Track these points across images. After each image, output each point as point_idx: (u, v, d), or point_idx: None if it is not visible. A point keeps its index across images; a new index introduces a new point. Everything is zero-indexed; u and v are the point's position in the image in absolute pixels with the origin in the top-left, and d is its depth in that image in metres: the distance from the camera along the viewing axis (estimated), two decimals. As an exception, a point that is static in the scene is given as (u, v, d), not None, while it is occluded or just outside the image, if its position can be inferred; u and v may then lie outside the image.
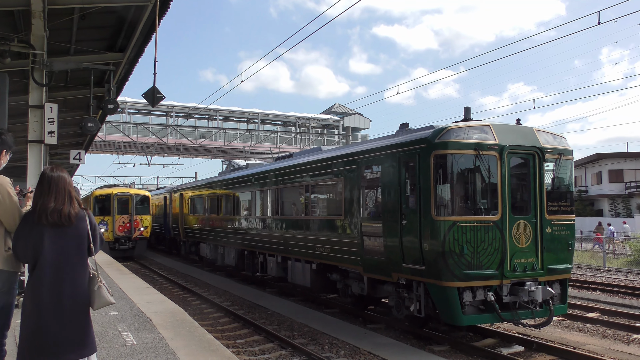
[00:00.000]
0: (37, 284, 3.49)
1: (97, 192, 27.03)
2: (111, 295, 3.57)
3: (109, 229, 25.24)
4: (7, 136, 4.34)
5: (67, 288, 3.44)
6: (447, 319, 9.07)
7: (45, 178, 3.65)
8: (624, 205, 48.51)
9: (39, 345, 3.38)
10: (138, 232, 26.10)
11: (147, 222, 26.73)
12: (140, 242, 26.45)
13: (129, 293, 9.84)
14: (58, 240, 3.51)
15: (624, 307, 13.64)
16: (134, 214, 26.01)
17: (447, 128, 9.09)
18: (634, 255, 24.27)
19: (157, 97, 11.06)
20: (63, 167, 4.08)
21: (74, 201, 3.61)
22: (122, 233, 25.73)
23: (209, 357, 5.66)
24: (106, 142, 36.49)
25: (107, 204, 25.84)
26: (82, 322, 3.47)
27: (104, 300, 3.52)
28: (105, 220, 25.22)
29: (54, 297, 3.42)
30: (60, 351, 3.37)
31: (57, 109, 9.79)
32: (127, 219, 25.82)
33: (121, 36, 11.68)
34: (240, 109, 48.57)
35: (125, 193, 26.48)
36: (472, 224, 8.87)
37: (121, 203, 26.00)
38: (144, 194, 27.98)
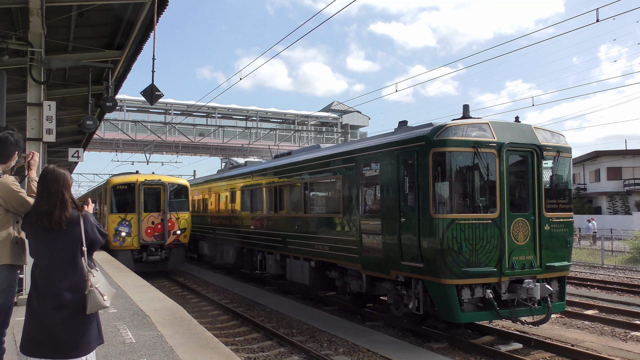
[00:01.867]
0: (32, 285, 3.55)
1: (115, 180, 19.45)
2: (106, 299, 3.51)
3: (133, 233, 18.43)
4: (19, 137, 4.43)
5: (58, 291, 3.43)
6: (446, 316, 9.08)
7: (41, 180, 3.63)
8: (622, 203, 48.59)
9: (35, 345, 3.41)
10: (173, 237, 19.12)
11: (185, 223, 19.56)
12: (176, 251, 19.29)
13: (127, 291, 9.84)
14: (49, 243, 3.50)
15: (622, 305, 13.67)
16: (168, 210, 19.09)
17: (446, 126, 9.10)
18: (632, 252, 24.31)
19: (156, 94, 11.04)
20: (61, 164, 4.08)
21: (67, 204, 3.54)
22: (151, 238, 18.73)
23: (207, 354, 5.67)
24: (104, 139, 36.40)
25: (129, 196, 18.92)
26: (75, 325, 3.42)
27: (96, 304, 3.45)
28: (127, 221, 18.48)
29: (45, 300, 3.44)
30: (53, 352, 3.39)
31: (55, 106, 9.76)
32: (158, 218, 18.94)
33: (119, 34, 11.65)
34: (239, 107, 48.53)
35: (155, 181, 19.26)
36: (470, 222, 8.88)
37: (150, 195, 19.24)
38: (181, 182, 20.36)
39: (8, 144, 4.31)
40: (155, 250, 18.84)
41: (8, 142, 4.31)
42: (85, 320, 3.48)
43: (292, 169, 14.60)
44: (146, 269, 18.37)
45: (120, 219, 18.55)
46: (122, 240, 18.39)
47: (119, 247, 18.40)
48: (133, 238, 18.56)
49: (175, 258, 19.39)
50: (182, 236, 19.51)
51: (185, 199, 19.97)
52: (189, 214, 20.05)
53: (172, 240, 19.16)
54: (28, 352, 3.44)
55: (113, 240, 18.29)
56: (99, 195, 22.03)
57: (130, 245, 18.50)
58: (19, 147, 4.40)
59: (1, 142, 4.30)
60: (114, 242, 18.33)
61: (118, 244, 18.41)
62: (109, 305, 3.55)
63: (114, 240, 18.29)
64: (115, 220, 18.49)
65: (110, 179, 20.01)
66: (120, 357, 5.56)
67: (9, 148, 4.32)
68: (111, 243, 18.36)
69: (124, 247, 18.42)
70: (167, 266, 19.35)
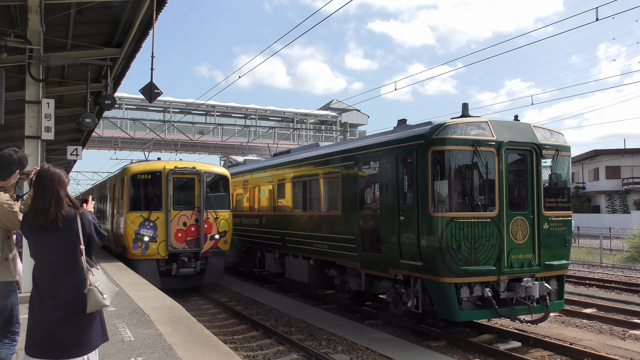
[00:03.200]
0: (33, 286, 3.55)
1: (135, 168, 14.79)
2: (106, 298, 3.49)
3: (159, 237, 14.10)
4: (22, 156, 4.43)
5: (57, 291, 3.43)
6: (445, 314, 9.09)
7: (36, 179, 3.62)
8: (620, 202, 48.64)
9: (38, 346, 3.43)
10: (211, 243, 14.78)
11: (225, 224, 15.06)
12: (214, 261, 14.87)
13: (126, 289, 9.83)
14: (47, 243, 3.49)
15: (621, 303, 13.69)
16: (205, 208, 14.64)
17: (445, 124, 9.09)
18: (630, 251, 24.33)
19: (155, 92, 11.03)
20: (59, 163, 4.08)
21: (62, 202, 3.52)
22: (182, 244, 14.32)
23: (206, 352, 5.67)
24: (103, 138, 36.37)
25: (153, 189, 14.57)
26: (76, 325, 3.43)
27: (96, 303, 3.43)
28: (150, 221, 14.13)
29: (45, 300, 3.44)
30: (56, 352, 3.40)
31: (54, 104, 9.76)
32: (191, 218, 14.54)
33: (118, 31, 11.63)
34: (238, 105, 48.47)
35: (188, 169, 14.68)
36: (469, 220, 8.89)
37: (181, 188, 14.85)
38: (221, 171, 15.75)
39: (10, 162, 4.32)
40: (188, 261, 14.28)
41: (11, 160, 4.32)
42: (86, 320, 3.47)
43: (290, 168, 14.59)
44: (175, 284, 14.18)
45: (143, 219, 13.93)
46: (144, 246, 13.87)
47: (141, 256, 13.91)
48: (159, 244, 13.97)
49: (213, 270, 14.76)
50: (222, 241, 14.90)
51: (225, 192, 15.42)
52: (230, 212, 15.33)
53: (209, 247, 14.57)
54: (32, 353, 3.44)
55: (133, 247, 13.83)
56: (110, 188, 17.40)
57: (156, 253, 13.93)
58: (21, 165, 4.40)
59: (4, 159, 4.31)
60: (133, 249, 13.84)
61: (139, 252, 13.86)
62: (109, 304, 3.54)
63: (134, 246, 13.84)
64: (135, 221, 13.94)
65: (128, 166, 15.12)
66: (119, 356, 5.56)
67: (11, 166, 4.32)
68: (130, 250, 13.95)
69: (147, 256, 13.92)
70: (203, 281, 14.78)
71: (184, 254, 14.28)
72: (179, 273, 14.15)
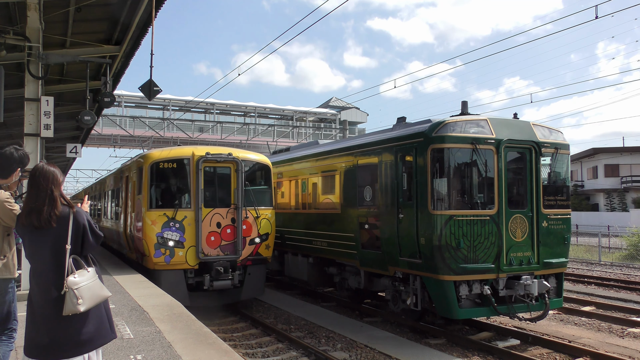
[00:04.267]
0: (30, 286, 3.55)
1: (156, 155, 11.77)
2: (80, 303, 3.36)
3: (187, 242, 11.27)
4: (24, 154, 4.41)
5: (52, 290, 3.39)
6: (444, 312, 9.10)
7: (30, 177, 3.58)
8: (619, 200, 48.69)
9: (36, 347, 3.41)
10: (251, 248, 11.87)
11: (267, 225, 12.17)
12: (254, 271, 11.99)
13: (125, 286, 9.84)
14: (41, 243, 3.46)
15: (619, 301, 13.71)
16: (244, 205, 11.79)
17: (445, 122, 9.09)
18: (629, 249, 24.37)
19: (154, 90, 11.04)
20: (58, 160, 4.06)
21: (56, 201, 3.48)
22: (216, 250, 11.49)
23: (205, 350, 5.67)
24: (103, 135, 36.34)
25: (180, 181, 11.79)
26: (72, 323, 3.38)
27: (70, 307, 3.34)
28: (176, 221, 11.24)
29: (40, 300, 3.42)
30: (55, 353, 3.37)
31: (53, 102, 9.75)
32: (227, 217, 11.65)
33: (117, 29, 11.62)
34: (237, 103, 48.46)
35: (223, 156, 11.82)
36: (468, 218, 8.89)
37: (213, 180, 11.95)
38: (261, 160, 12.68)
39: (12, 161, 4.31)
40: (224, 271, 11.37)
41: (12, 159, 4.31)
42: (83, 318, 3.41)
43: (289, 165, 14.59)
44: (208, 301, 11.52)
45: (167, 219, 11.10)
46: (169, 253, 11.07)
47: (165, 266, 11.07)
48: (187, 250, 11.17)
49: (252, 283, 11.91)
50: (264, 246, 12.02)
51: (267, 186, 12.50)
52: (272, 210, 12.41)
53: (248, 254, 11.76)
54: (32, 354, 3.42)
55: (154, 254, 10.99)
56: (123, 181, 14.25)
57: (183, 262, 11.14)
58: (22, 164, 4.39)
59: (4, 158, 4.29)
60: (155, 256, 11.00)
61: (162, 261, 11.03)
62: (83, 310, 3.38)
63: (156, 253, 11.00)
64: (157, 221, 11.09)
65: (148, 153, 12.22)
66: (119, 353, 5.56)
67: (12, 165, 4.32)
68: (150, 258, 11.08)
69: (173, 266, 11.12)
70: (241, 296, 11.86)
71: (218, 262, 11.33)
72: (212, 287, 11.25)
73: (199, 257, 11.23)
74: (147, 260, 11.41)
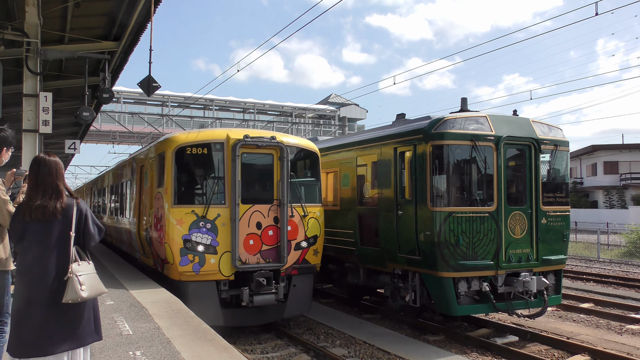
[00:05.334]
0: (22, 279, 3.44)
1: (182, 138, 9.47)
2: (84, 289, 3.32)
3: (221, 247, 9.12)
4: (7, 132, 4.29)
5: (53, 283, 3.33)
6: (442, 309, 9.11)
7: (32, 171, 3.49)
8: (618, 197, 48.76)
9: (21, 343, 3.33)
10: (297, 254, 9.75)
11: (316, 225, 10.04)
12: (300, 282, 9.89)
13: (124, 283, 9.83)
14: (43, 236, 3.40)
15: (618, 298, 13.74)
16: (288, 201, 9.65)
17: (444, 119, 9.08)
18: (628, 246, 24.41)
19: (153, 86, 11.02)
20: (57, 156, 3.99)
21: (62, 195, 3.44)
22: (255, 256, 9.42)
23: (204, 346, 5.67)
24: (101, 132, 36.31)
25: (212, 170, 9.65)
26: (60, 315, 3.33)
27: (72, 294, 3.28)
28: (207, 221, 9.11)
29: (33, 292, 3.34)
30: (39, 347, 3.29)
31: (51, 97, 9.75)
32: (269, 216, 9.59)
33: (116, 25, 11.59)
34: (236, 99, 48.41)
35: (265, 140, 9.65)
36: (467, 215, 8.90)
37: (253, 170, 9.84)
38: (308, 146, 10.49)
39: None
40: (266, 283, 9.20)
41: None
42: (73, 311, 3.36)
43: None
44: (246, 319, 9.45)
45: (196, 218, 8.99)
46: (198, 260, 8.95)
47: (193, 276, 8.97)
48: (221, 257, 9.05)
49: (298, 296, 9.80)
50: (312, 252, 9.90)
51: (315, 178, 10.41)
52: (321, 207, 10.25)
53: (294, 261, 9.64)
54: (16, 353, 3.34)
55: (180, 262, 8.87)
56: (136, 172, 12.10)
57: (215, 271, 9.03)
58: (7, 143, 4.25)
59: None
60: (181, 264, 8.88)
61: (190, 269, 8.92)
62: (86, 296, 3.36)
63: (182, 261, 8.88)
64: (183, 220, 8.99)
65: (172, 136, 9.74)
66: (117, 349, 5.56)
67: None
68: (175, 267, 8.96)
69: (203, 276, 9.00)
70: (284, 313, 9.72)
71: (259, 272, 9.20)
72: (252, 302, 9.05)
73: (235, 266, 9.04)
74: (169, 269, 9.22)
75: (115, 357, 5.29)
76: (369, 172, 10.96)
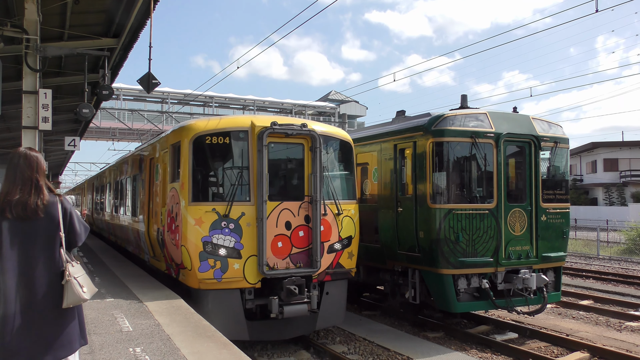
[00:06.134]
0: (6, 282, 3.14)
1: (201, 126, 8.34)
2: (86, 291, 3.17)
3: (246, 250, 8.00)
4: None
5: (34, 286, 3.11)
6: (442, 305, 9.12)
7: (12, 165, 3.28)
8: (618, 194, 48.78)
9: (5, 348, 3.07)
10: (330, 258, 8.60)
11: (351, 224, 8.95)
12: (333, 289, 8.81)
13: (124, 280, 9.84)
14: (23, 235, 3.17)
15: (617, 295, 13.75)
16: (321, 198, 8.50)
17: (444, 116, 9.08)
18: (627, 244, 24.42)
19: (153, 83, 10.99)
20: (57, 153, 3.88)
21: (42, 190, 3.22)
22: (284, 261, 8.27)
23: (204, 343, 5.68)
24: (101, 128, 36.30)
25: (233, 163, 8.55)
26: (50, 323, 3.11)
27: (74, 297, 3.11)
28: (231, 221, 7.97)
29: (17, 296, 3.10)
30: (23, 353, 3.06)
31: (51, 94, 9.73)
32: (299, 214, 8.48)
33: (115, 21, 11.55)
34: (236, 96, 48.33)
35: (296, 128, 8.42)
36: (467, 212, 8.90)
37: (280, 162, 8.89)
38: (341, 135, 9.31)
39: None
40: (299, 291, 8.08)
41: None
42: (62, 318, 3.18)
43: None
44: (274, 333, 8.44)
45: (217, 217, 7.94)
46: (220, 266, 7.90)
47: (214, 284, 7.90)
48: (245, 262, 8.00)
49: (331, 305, 8.77)
50: (346, 255, 8.84)
51: (349, 171, 9.35)
52: (356, 204, 9.21)
53: (327, 266, 8.57)
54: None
55: (199, 268, 7.83)
56: (145, 165, 11.08)
57: (240, 278, 7.97)
58: None
59: None
60: (201, 270, 7.83)
61: (211, 276, 7.87)
62: (89, 298, 3.22)
63: (202, 266, 7.84)
64: (203, 220, 7.95)
65: (189, 124, 8.60)
66: (117, 346, 5.57)
67: None
68: (194, 273, 7.90)
69: (226, 284, 7.94)
70: (316, 324, 8.66)
71: (289, 278, 8.07)
72: (282, 314, 7.90)
73: (262, 272, 7.96)
74: (186, 275, 8.17)
75: (116, 353, 5.30)
76: (369, 169, 10.96)
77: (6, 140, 22.48)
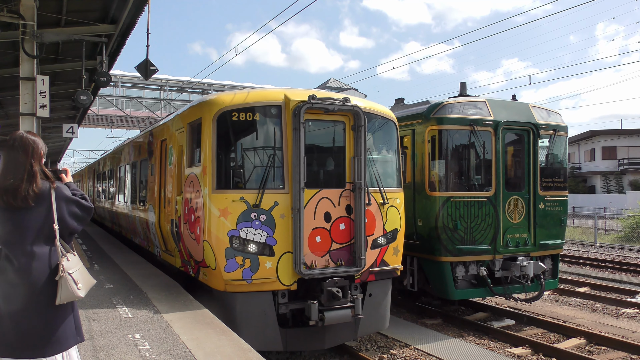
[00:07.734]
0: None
1: (226, 100, 6.94)
2: (80, 288, 3.01)
3: (279, 246, 6.72)
4: None
5: (27, 280, 2.93)
6: (440, 293, 9.18)
7: (7, 148, 3.12)
8: (616, 182, 48.88)
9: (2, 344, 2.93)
10: (374, 254, 7.32)
11: (396, 215, 7.64)
12: (375, 290, 7.46)
13: (123, 267, 9.87)
14: (15, 225, 3.00)
15: (614, 282, 13.84)
16: (365, 185, 7.18)
17: (443, 103, 9.06)
18: (625, 231, 24.54)
19: (150, 69, 10.96)
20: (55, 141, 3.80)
21: (35, 177, 3.03)
22: (323, 259, 6.97)
23: (203, 329, 5.72)
24: (99, 116, 36.19)
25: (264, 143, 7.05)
26: (43, 318, 2.95)
27: (68, 293, 2.95)
28: (263, 211, 6.68)
29: (7, 289, 2.94)
30: (15, 349, 2.92)
31: (48, 81, 9.69)
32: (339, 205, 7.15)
33: (113, 7, 11.46)
34: (235, 83, 48.13)
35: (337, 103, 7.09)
36: (465, 200, 8.92)
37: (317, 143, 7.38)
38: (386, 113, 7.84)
39: None
40: (342, 294, 6.89)
41: None
42: (57, 313, 3.01)
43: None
44: (311, 342, 7.23)
45: (246, 207, 6.71)
46: (249, 265, 6.70)
47: (244, 286, 6.70)
48: (279, 260, 6.80)
49: (374, 308, 7.58)
50: (391, 250, 7.66)
51: (393, 154, 8.08)
52: (401, 192, 8.01)
53: (371, 264, 7.39)
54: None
55: (226, 267, 6.62)
56: (156, 148, 9.79)
57: (273, 279, 6.77)
58: None
59: None
60: (227, 269, 6.62)
61: (239, 276, 6.65)
62: (84, 295, 3.06)
63: (228, 265, 6.63)
64: (229, 210, 6.73)
65: (212, 98, 7.24)
66: (117, 332, 5.60)
67: None
68: (219, 273, 6.71)
69: (257, 286, 6.74)
70: (358, 331, 7.46)
71: (330, 279, 6.91)
72: (323, 321, 6.76)
73: (299, 271, 6.77)
74: (209, 275, 7.02)
75: (115, 339, 5.33)
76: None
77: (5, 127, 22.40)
